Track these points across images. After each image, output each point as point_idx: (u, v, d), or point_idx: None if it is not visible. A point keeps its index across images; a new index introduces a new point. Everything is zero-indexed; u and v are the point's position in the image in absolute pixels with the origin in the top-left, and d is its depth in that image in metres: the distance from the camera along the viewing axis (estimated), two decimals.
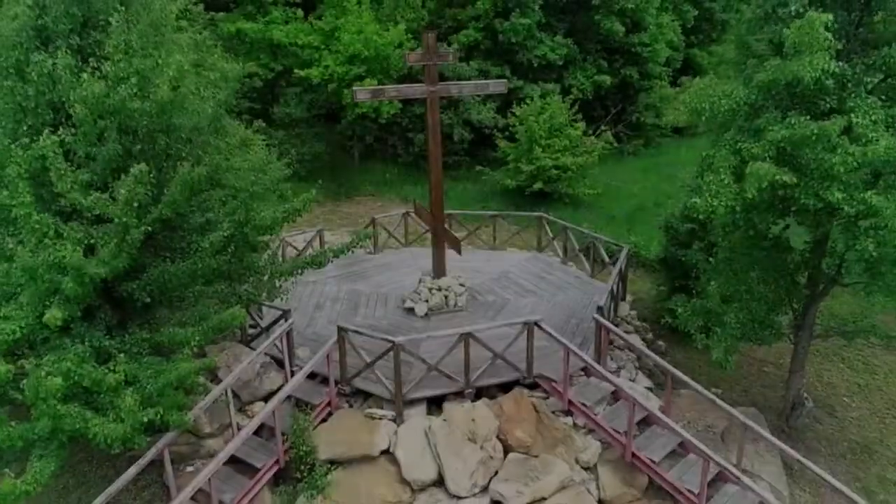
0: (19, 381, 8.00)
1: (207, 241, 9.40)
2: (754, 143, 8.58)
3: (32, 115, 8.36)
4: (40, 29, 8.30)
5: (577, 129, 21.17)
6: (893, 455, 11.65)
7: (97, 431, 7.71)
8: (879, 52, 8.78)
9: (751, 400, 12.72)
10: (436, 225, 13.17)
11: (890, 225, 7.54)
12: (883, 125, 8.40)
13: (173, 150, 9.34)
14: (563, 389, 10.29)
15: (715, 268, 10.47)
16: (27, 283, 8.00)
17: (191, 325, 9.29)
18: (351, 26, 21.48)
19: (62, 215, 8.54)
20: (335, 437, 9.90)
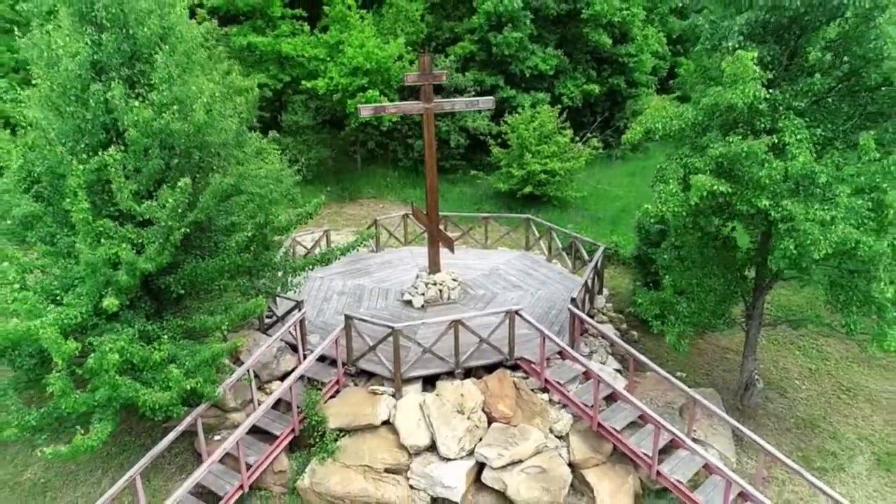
0: (78, 359, 9.60)
1: (233, 241, 11.01)
2: (698, 158, 10.14)
3: (89, 135, 9.93)
4: (96, 63, 9.87)
5: (565, 136, 22.71)
6: (833, 430, 13.19)
7: (146, 399, 9.28)
8: (806, 81, 10.32)
9: (711, 382, 14.27)
10: (431, 226, 14.72)
11: (803, 228, 9.07)
12: (807, 143, 9.95)
13: (205, 162, 10.94)
14: (541, 370, 11.86)
15: (669, 264, 12.02)
16: (87, 276, 9.54)
17: (219, 314, 10.89)
18: (354, 40, 23.05)
19: (112, 219, 10.13)
20: (342, 410, 11.48)
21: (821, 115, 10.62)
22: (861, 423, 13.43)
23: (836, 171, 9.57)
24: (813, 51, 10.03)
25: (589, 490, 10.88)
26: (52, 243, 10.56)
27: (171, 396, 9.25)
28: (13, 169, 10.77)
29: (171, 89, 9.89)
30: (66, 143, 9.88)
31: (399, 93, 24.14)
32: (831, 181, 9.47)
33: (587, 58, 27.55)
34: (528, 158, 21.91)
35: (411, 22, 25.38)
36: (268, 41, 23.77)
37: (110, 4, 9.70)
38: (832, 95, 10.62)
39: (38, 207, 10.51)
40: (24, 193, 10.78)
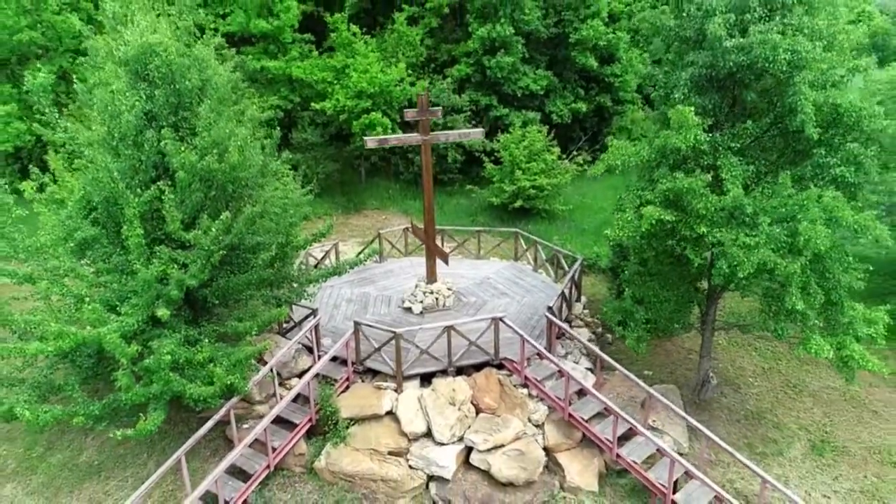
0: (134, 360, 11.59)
1: (259, 259, 13.00)
2: (650, 192, 12.13)
3: (142, 172, 11.93)
4: (148, 112, 11.87)
5: (552, 153, 24.70)
6: (778, 421, 15.16)
7: (192, 392, 11.28)
8: (742, 125, 12.31)
9: (674, 379, 16.25)
10: (428, 242, 16.72)
11: (731, 252, 11.03)
12: (740, 178, 11.93)
13: (237, 192, 12.93)
14: (521, 369, 13.86)
15: (629, 278, 14.01)
16: (142, 290, 11.52)
17: (246, 320, 12.89)
18: (359, 65, 25.06)
19: (159, 241, 12.14)
20: (352, 402, 13.48)
21: (754, 153, 12.62)
22: (802, 415, 15.43)
23: (761, 204, 11.55)
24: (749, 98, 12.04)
25: (560, 470, 12.87)
26: (107, 261, 12.58)
27: (214, 390, 11.25)
28: (75, 199, 12.81)
29: (211, 134, 11.89)
30: (124, 178, 11.87)
31: (400, 112, 26.10)
32: (757, 212, 11.45)
33: (575, 77, 29.53)
34: (518, 175, 23.91)
35: (411, 46, 27.38)
36: (280, 65, 25.79)
37: (161, 65, 11.69)
38: (764, 137, 12.59)
39: (95, 231, 12.50)
40: (84, 219, 12.80)
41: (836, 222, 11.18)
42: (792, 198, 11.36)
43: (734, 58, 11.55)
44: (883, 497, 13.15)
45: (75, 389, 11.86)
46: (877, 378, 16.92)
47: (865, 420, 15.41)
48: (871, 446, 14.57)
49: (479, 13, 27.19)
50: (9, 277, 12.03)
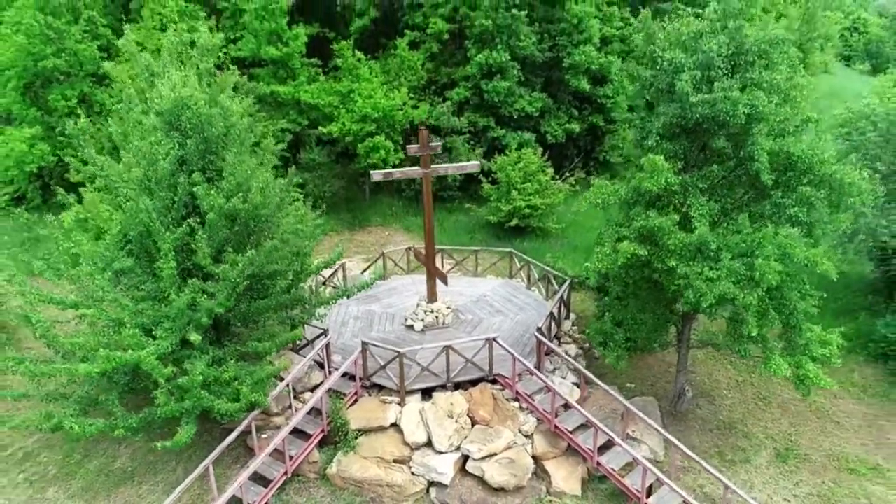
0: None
1: (278, 287, 14.48)
2: (626, 228, 13.60)
3: (175, 211, 13.41)
4: (181, 157, 13.36)
5: (546, 174, 26.15)
6: (747, 430, 16.62)
7: (220, 408, 12.77)
8: (709, 168, 13.78)
9: (654, 391, 17.71)
10: (429, 264, 18.19)
11: (695, 284, 12.49)
12: (707, 217, 13.39)
13: (258, 227, 14.40)
14: (513, 384, 15.34)
15: (609, 303, 15.48)
16: (176, 317, 12.99)
17: (265, 341, 14.37)
18: (364, 90, 26.53)
19: (187, 271, 13.62)
20: (360, 415, 14.97)
21: (721, 192, 14.09)
22: (770, 425, 16.90)
23: (724, 240, 13.01)
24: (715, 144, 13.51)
25: (547, 476, 14.34)
26: (141, 289, 14.06)
27: (240, 406, 12.75)
28: (113, 233, 14.29)
29: (235, 177, 13.37)
30: (159, 217, 13.35)
31: (402, 135, 27.60)
32: (720, 247, 12.91)
33: (569, 98, 30.95)
34: (514, 195, 25.38)
35: (413, 70, 28.85)
36: (289, 90, 27.25)
37: (192, 116, 13.17)
38: (730, 177, 14.05)
39: (131, 262, 13.97)
40: (120, 251, 14.29)
41: (789, 258, 12.64)
42: (750, 235, 12.83)
43: (700, 110, 13.02)
44: (837, 501, 14.62)
45: (115, 404, 13.34)
46: (842, 389, 18.43)
47: (828, 430, 16.88)
48: (831, 454, 16.04)
49: (478, 39, 28.64)
50: (58, 304, 13.53)
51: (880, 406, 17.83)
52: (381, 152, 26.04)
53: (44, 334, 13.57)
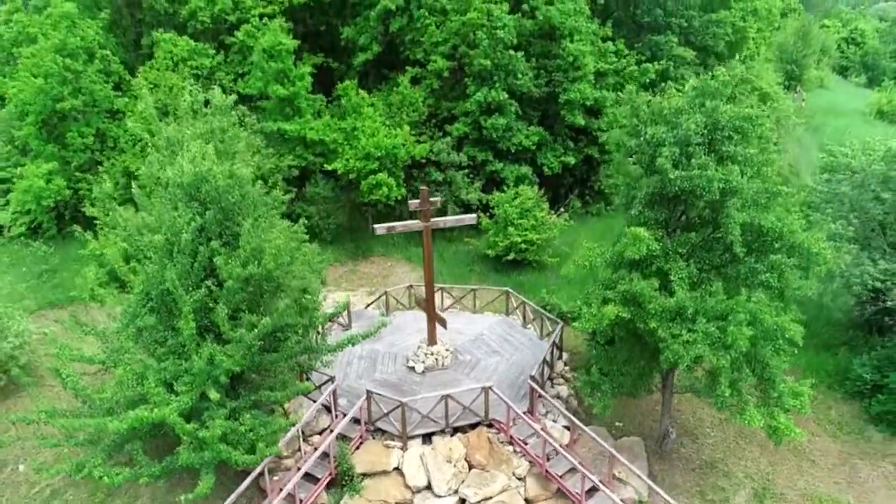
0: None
1: (291, 341, 15.61)
2: (611, 291, 14.71)
3: (195, 275, 14.55)
4: (201, 227, 14.49)
5: (542, 210, 27.27)
6: (728, 469, 17.73)
7: (236, 459, 13.91)
8: (688, 235, 14.88)
9: (640, 431, 18.81)
10: (429, 310, 19.32)
11: (673, 347, 13.59)
12: (686, 280, 14.49)
13: (271, 287, 15.53)
14: (507, 429, 16.47)
15: (597, 356, 16.60)
16: (197, 374, 14.11)
17: (278, 390, 15.52)
18: (367, 128, 27.67)
19: (205, 328, 14.75)
20: (365, 459, 16.11)
21: (699, 255, 15.18)
22: (749, 464, 18.00)
23: (700, 304, 14.10)
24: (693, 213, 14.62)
25: None
26: (162, 344, 15.21)
27: (256, 458, 13.89)
28: (136, 293, 15.44)
29: (251, 243, 14.51)
30: (180, 281, 14.48)
31: (404, 171, 28.73)
32: (697, 311, 14.02)
33: (565, 131, 32.05)
34: (510, 231, 26.49)
35: (413, 106, 29.96)
36: (295, 127, 28.38)
37: (210, 189, 14.32)
38: (708, 242, 15.14)
39: (153, 320, 15.10)
40: (142, 307, 15.43)
41: (760, 322, 13.75)
42: (723, 301, 13.93)
43: (678, 184, 14.11)
44: None
45: (140, 453, 14.48)
46: (819, 427, 19.54)
47: (804, 469, 17.99)
48: (806, 493, 17.15)
49: (477, 76, 29.74)
50: (89, 362, 14.70)
51: (854, 444, 18.92)
52: (383, 189, 27.17)
53: (73, 388, 14.81)
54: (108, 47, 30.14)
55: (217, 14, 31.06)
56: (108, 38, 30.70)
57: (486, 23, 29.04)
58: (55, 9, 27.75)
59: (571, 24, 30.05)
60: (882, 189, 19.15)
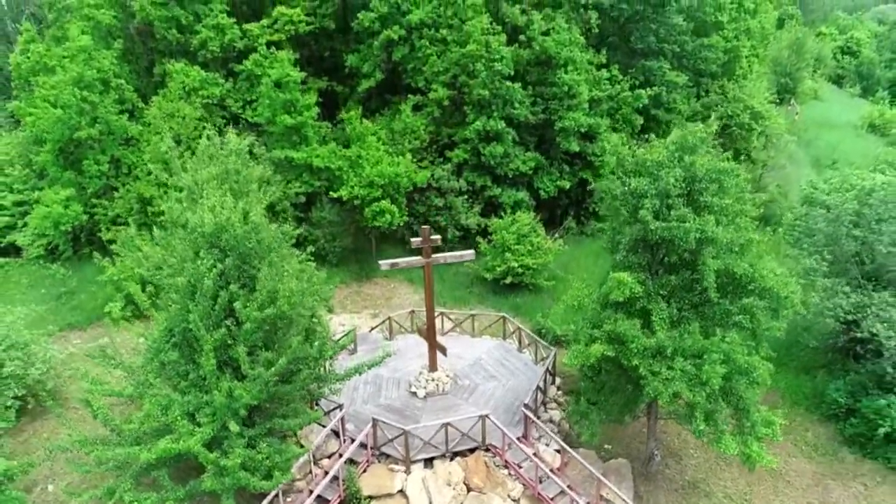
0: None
1: (304, 373, 16.92)
2: (598, 330, 16.02)
3: (215, 316, 15.86)
4: (222, 272, 15.80)
5: (538, 235, 28.57)
6: (709, 490, 19.03)
7: (255, 485, 15.23)
8: (667, 278, 16.18)
9: (628, 452, 20.10)
10: (430, 339, 20.62)
11: (652, 384, 14.89)
12: (666, 320, 15.79)
13: (284, 325, 16.84)
14: (502, 453, 17.78)
15: (585, 387, 17.91)
16: (218, 408, 15.41)
17: (290, 418, 16.83)
18: (371, 157, 28.98)
19: (224, 363, 16.06)
20: (371, 482, 17.42)
21: (679, 296, 16.48)
22: (729, 485, 19.31)
23: (679, 343, 15.41)
24: (672, 259, 15.92)
25: None
26: (184, 378, 16.52)
27: (272, 484, 15.21)
28: (160, 330, 16.76)
29: (267, 287, 15.82)
30: (201, 322, 15.79)
31: (406, 197, 30.04)
32: (675, 350, 15.32)
33: (561, 155, 33.35)
34: (508, 256, 27.79)
35: (415, 133, 31.27)
36: (302, 155, 29.69)
37: (230, 238, 15.63)
38: (686, 283, 16.44)
39: (176, 356, 16.41)
40: (166, 343, 16.75)
41: (732, 361, 15.06)
42: (699, 341, 15.24)
43: (658, 233, 15.42)
44: None
45: (165, 479, 15.79)
46: (796, 449, 20.84)
47: (779, 489, 19.29)
48: None
49: (476, 105, 31.05)
50: (119, 396, 16.02)
51: (828, 465, 20.23)
52: (386, 217, 28.48)
53: (103, 419, 16.15)
54: (122, 75, 31.43)
55: (226, 44, 32.38)
56: (121, 67, 31.98)
57: (484, 54, 30.33)
58: (73, 42, 29.00)
59: (567, 54, 31.33)
60: (854, 226, 20.41)
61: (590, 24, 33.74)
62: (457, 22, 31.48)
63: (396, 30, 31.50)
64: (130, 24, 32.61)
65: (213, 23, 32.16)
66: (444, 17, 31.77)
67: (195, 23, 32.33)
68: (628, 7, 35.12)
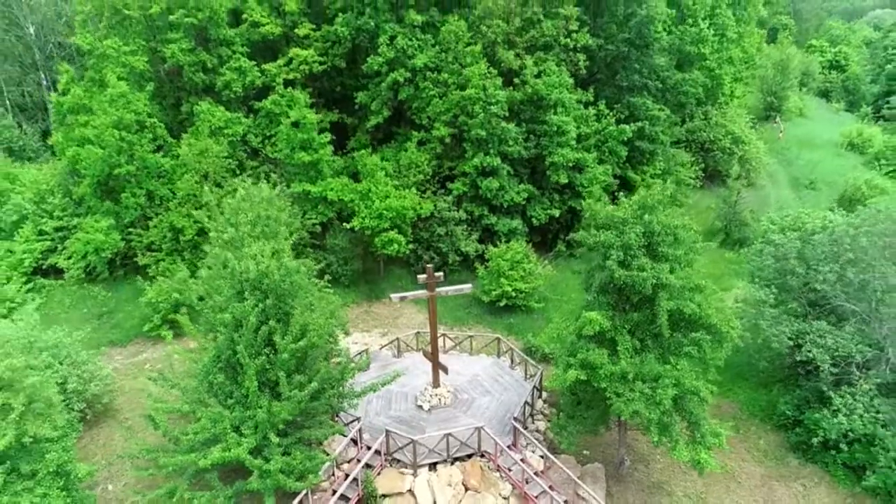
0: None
1: (329, 392, 20.28)
2: (573, 358, 19.38)
3: (257, 346, 19.21)
4: (263, 310, 19.15)
5: (529, 262, 31.93)
6: (671, 490, 22.36)
7: (291, 485, 18.58)
8: (631, 314, 19.54)
9: (602, 458, 23.43)
10: (434, 360, 23.98)
11: (616, 405, 18.23)
12: (629, 351, 19.13)
13: (313, 353, 20.19)
14: (495, 459, 21.15)
15: (564, 404, 21.26)
16: (259, 422, 18.75)
17: (316, 429, 20.20)
18: (380, 191, 32.35)
19: (263, 384, 19.43)
20: (385, 483, 20.78)
21: (641, 329, 19.82)
22: (688, 485, 22.65)
23: (638, 369, 18.75)
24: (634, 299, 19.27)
25: None
26: (230, 396, 19.88)
27: (305, 485, 18.59)
28: (210, 357, 20.10)
29: (300, 323, 19.18)
30: (246, 351, 19.13)
31: (412, 227, 33.42)
32: (635, 375, 18.66)
33: (551, 186, 36.69)
34: (502, 281, 31.16)
35: (419, 168, 34.65)
36: (318, 189, 33.08)
37: (270, 283, 18.99)
38: (647, 318, 19.77)
39: (223, 378, 19.75)
40: (214, 366, 20.10)
41: (682, 385, 18.42)
42: (655, 368, 18.60)
43: (622, 280, 18.76)
44: None
45: (215, 480, 19.15)
46: (748, 455, 24.19)
47: (731, 489, 22.65)
48: None
49: (474, 142, 34.40)
50: (177, 412, 19.38)
51: (775, 468, 23.58)
52: (394, 245, 31.85)
53: (164, 432, 19.52)
54: (154, 114, 34.79)
55: (247, 84, 35.77)
56: (152, 106, 35.35)
57: (482, 97, 33.68)
58: (112, 89, 32.33)
59: (557, 96, 34.68)
60: (797, 263, 23.74)
61: (578, 66, 37.08)
62: (457, 66, 34.85)
63: (402, 72, 34.86)
64: (161, 68, 35.99)
65: (236, 65, 35.60)
66: (446, 61, 35.14)
67: (219, 65, 35.72)
68: (614, 48, 38.47)
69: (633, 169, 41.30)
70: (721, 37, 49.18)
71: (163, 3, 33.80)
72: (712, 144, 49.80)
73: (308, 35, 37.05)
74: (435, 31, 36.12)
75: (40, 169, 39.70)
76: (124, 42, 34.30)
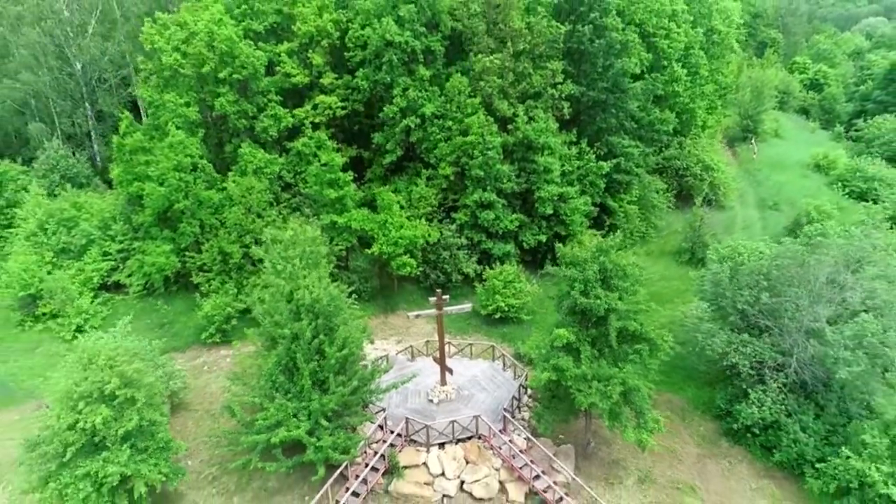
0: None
1: (363, 389, 26.75)
2: (545, 363, 25.84)
3: (310, 355, 25.62)
4: (315, 327, 25.58)
5: (520, 282, 38.39)
6: (626, 465, 28.75)
7: (336, 458, 25.02)
8: (591, 330, 26.00)
9: (574, 441, 29.80)
10: (441, 365, 30.46)
11: (577, 398, 24.61)
12: (590, 358, 25.57)
13: (352, 358, 26.63)
14: (489, 440, 27.64)
15: (542, 397, 27.70)
16: (313, 410, 25.15)
17: (352, 417, 26.68)
18: (396, 222, 38.81)
19: (313, 382, 25.90)
20: (405, 458, 27.24)
21: (599, 341, 26.25)
22: (640, 462, 29.06)
23: (595, 371, 25.17)
24: (593, 319, 25.76)
25: (506, 492, 26.62)
26: (288, 391, 26.33)
27: (347, 458, 25.07)
28: (272, 363, 26.53)
29: (343, 336, 25.63)
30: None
31: (422, 252, 39.88)
32: (593, 376, 25.10)
33: (540, 214, 43.12)
34: (497, 297, 37.63)
35: (427, 201, 41.12)
36: (343, 220, 39.52)
37: (320, 307, 25.43)
38: (602, 334, 26.18)
39: (284, 379, 26.16)
40: (277, 369, 26.55)
41: (626, 383, 24.87)
42: (607, 370, 25.05)
43: (583, 305, 25.21)
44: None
45: (279, 454, 25.58)
46: (690, 439, 30.66)
47: (673, 465, 29.08)
48: (671, 479, 28.25)
49: (474, 179, 40.85)
50: (251, 404, 25.87)
51: (710, 449, 30.02)
52: (407, 268, 38.33)
53: (240, 419, 26.02)
54: (204, 155, 41.24)
55: (281, 129, 42.28)
56: (201, 147, 41.82)
57: (480, 142, 40.12)
58: (171, 137, 38.80)
59: (544, 140, 41.13)
60: (727, 287, 30.18)
61: (563, 112, 43.55)
62: (459, 115, 41.32)
63: (413, 119, 41.30)
64: (208, 115, 42.49)
65: (272, 113, 42.08)
66: (450, 110, 41.60)
67: (258, 113, 42.21)
68: (595, 94, 44.93)
69: (611, 197, 47.83)
70: (694, 75, 55.62)
71: (212, 63, 40.25)
72: (685, 171, 56.25)
73: (331, 83, 43.46)
74: (441, 83, 42.55)
75: (102, 198, 46.19)
76: (178, 94, 40.77)
